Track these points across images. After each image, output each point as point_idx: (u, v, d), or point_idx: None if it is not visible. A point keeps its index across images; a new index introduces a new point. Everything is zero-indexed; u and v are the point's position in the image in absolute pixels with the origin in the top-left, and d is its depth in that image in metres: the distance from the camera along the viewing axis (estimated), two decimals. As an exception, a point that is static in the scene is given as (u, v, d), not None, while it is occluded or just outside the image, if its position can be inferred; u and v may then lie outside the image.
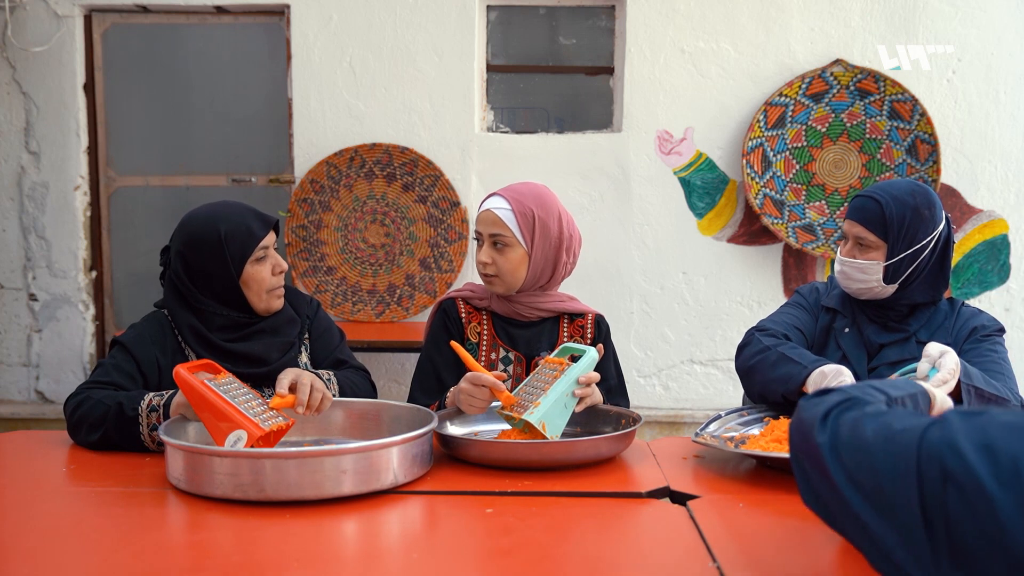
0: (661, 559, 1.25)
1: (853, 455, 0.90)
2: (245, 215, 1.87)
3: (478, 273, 2.00)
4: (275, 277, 1.88)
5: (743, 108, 4.03)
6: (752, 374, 1.89)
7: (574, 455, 1.61)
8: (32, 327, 4.22)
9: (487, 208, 1.96)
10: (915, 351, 1.88)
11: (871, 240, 1.86)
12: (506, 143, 4.11)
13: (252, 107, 4.27)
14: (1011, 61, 4.01)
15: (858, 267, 1.88)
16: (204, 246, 1.83)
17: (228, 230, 1.83)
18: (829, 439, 0.93)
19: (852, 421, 0.93)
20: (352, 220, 4.08)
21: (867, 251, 1.88)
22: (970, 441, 0.80)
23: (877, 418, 0.91)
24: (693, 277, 4.13)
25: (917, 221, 1.84)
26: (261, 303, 1.88)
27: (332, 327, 2.07)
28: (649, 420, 4.07)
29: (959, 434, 0.81)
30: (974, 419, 0.83)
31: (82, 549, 1.25)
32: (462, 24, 4.05)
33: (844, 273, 1.92)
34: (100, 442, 1.70)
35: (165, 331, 1.88)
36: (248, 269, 1.85)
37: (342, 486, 1.41)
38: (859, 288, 1.91)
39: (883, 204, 1.85)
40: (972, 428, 0.81)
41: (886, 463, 0.86)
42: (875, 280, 1.88)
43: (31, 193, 4.16)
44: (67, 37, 4.09)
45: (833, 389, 1.02)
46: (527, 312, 2.00)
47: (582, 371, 1.70)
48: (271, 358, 1.89)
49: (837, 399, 0.99)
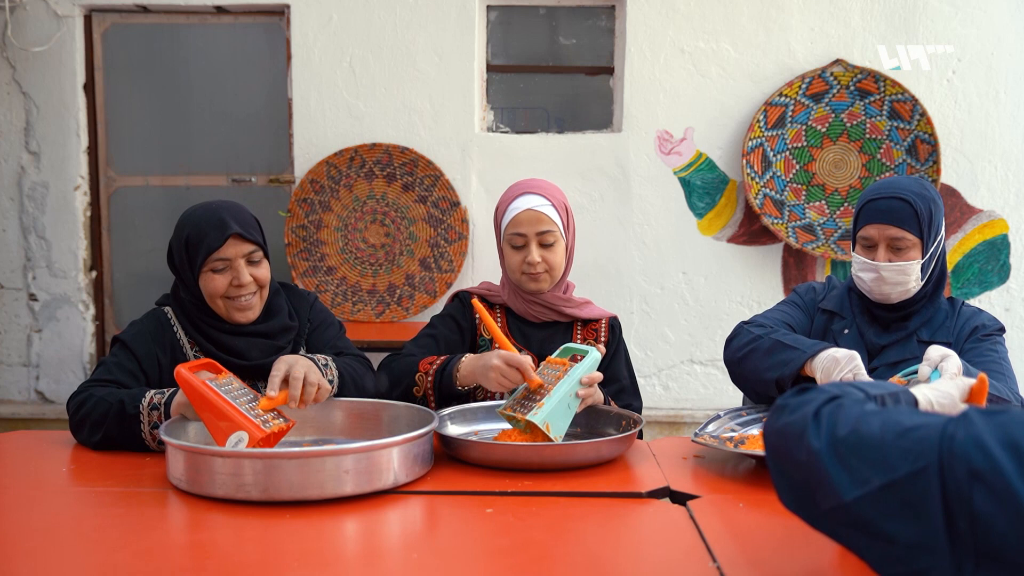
0: (661, 559, 1.25)
1: (860, 452, 0.86)
2: (210, 221, 1.81)
3: (518, 276, 1.95)
4: (233, 288, 1.82)
5: (743, 108, 4.03)
6: (743, 363, 1.85)
7: (575, 457, 1.61)
8: (32, 327, 4.22)
9: (527, 208, 1.91)
10: (916, 351, 1.88)
11: (909, 240, 1.83)
12: (506, 143, 4.11)
13: (252, 107, 4.27)
14: (1011, 61, 4.01)
15: (899, 269, 1.84)
16: (175, 245, 1.86)
17: (190, 233, 1.82)
18: (827, 440, 0.89)
19: (853, 418, 0.89)
20: (352, 220, 4.08)
21: (904, 252, 1.84)
22: (996, 440, 0.77)
23: (880, 414, 0.88)
24: (693, 277, 4.13)
25: (937, 211, 1.86)
26: (220, 310, 1.84)
27: (329, 319, 2.03)
28: (649, 420, 4.07)
29: (985, 433, 0.78)
30: (996, 417, 0.80)
31: (82, 549, 1.25)
32: (462, 24, 4.05)
33: (883, 279, 1.85)
34: (102, 441, 1.70)
35: (164, 328, 1.88)
36: (201, 276, 1.82)
37: (343, 486, 1.41)
38: (900, 292, 1.87)
39: (912, 202, 1.82)
40: (996, 426, 0.79)
41: (903, 459, 0.82)
42: (914, 279, 1.86)
43: (31, 193, 4.16)
44: (67, 37, 4.09)
45: (811, 388, 0.98)
46: (546, 314, 2.00)
47: (585, 371, 1.70)
48: (250, 355, 1.85)
49: (823, 397, 0.95)
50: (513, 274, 1.96)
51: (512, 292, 2.01)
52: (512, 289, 2.01)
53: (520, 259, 1.93)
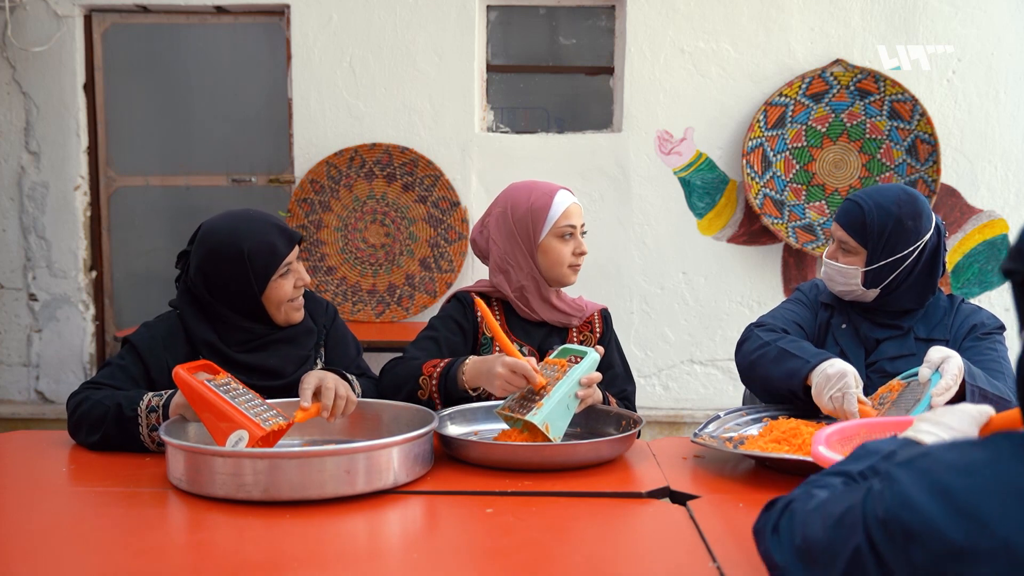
0: (661, 559, 1.25)
1: (813, 555, 0.89)
2: (269, 231, 1.83)
3: (564, 269, 1.99)
4: (296, 290, 1.87)
5: (743, 108, 4.03)
6: (754, 370, 1.88)
7: (575, 458, 1.61)
8: (32, 327, 4.22)
9: (574, 202, 2.02)
10: (913, 347, 1.88)
11: (851, 245, 1.87)
12: (506, 143, 4.11)
13: (252, 107, 4.27)
14: (1011, 61, 4.01)
15: (838, 270, 1.91)
16: (226, 262, 1.80)
17: (252, 248, 1.80)
18: (789, 552, 0.93)
19: (800, 524, 0.92)
20: (352, 220, 4.08)
21: (848, 255, 1.89)
22: (923, 490, 0.79)
23: (820, 508, 0.90)
24: (693, 277, 4.13)
25: (899, 231, 1.84)
26: (280, 315, 1.86)
27: (348, 336, 2.05)
28: (649, 420, 4.07)
29: (910, 487, 0.80)
30: (918, 464, 0.82)
31: (82, 549, 1.25)
32: (462, 24, 4.05)
33: (827, 274, 1.95)
34: (100, 442, 1.70)
35: (177, 334, 1.87)
36: (271, 285, 1.83)
37: (343, 486, 1.41)
38: (841, 290, 1.93)
39: (865, 211, 1.85)
40: (919, 475, 0.80)
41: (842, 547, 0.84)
42: (855, 284, 1.89)
43: (31, 193, 4.16)
44: (67, 37, 4.09)
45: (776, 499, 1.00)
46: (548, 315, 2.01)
47: (584, 372, 1.70)
48: (286, 371, 1.87)
49: (780, 505, 0.97)
50: (559, 268, 1.98)
51: (533, 292, 2.00)
52: (534, 288, 2.00)
53: (569, 250, 1.98)
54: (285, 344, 1.89)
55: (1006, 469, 0.77)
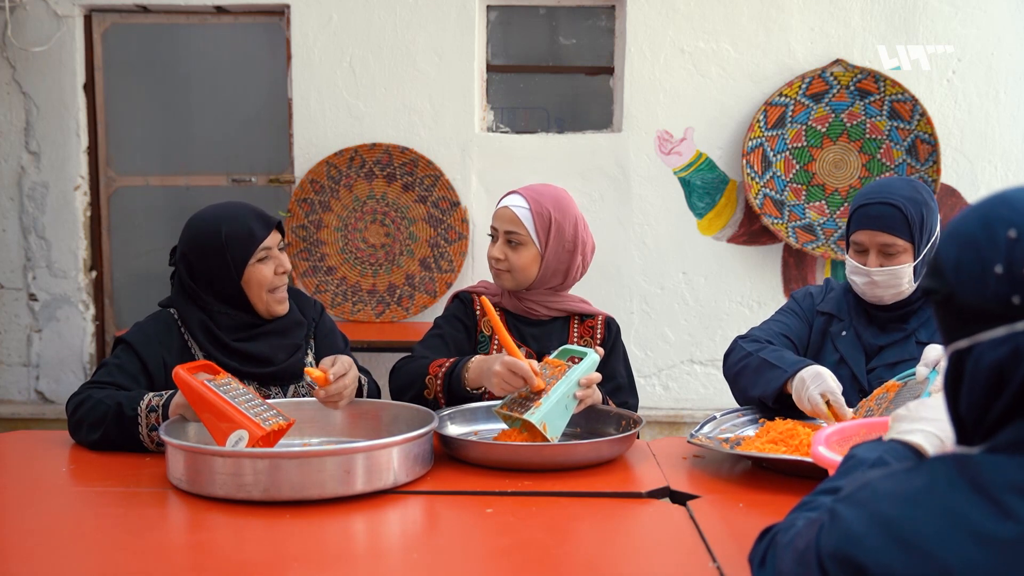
0: (661, 559, 1.25)
1: None
2: (247, 216, 1.88)
3: (489, 267, 2.02)
4: (277, 277, 1.88)
5: (743, 108, 4.03)
6: (737, 381, 1.92)
7: (575, 457, 1.61)
8: (32, 327, 4.22)
9: (505, 205, 1.99)
10: (914, 352, 1.87)
11: (900, 245, 1.84)
12: (506, 143, 4.11)
13: (252, 107, 4.27)
14: (1011, 61, 4.01)
15: (891, 274, 1.85)
16: (207, 248, 1.85)
17: (229, 231, 1.84)
18: None
19: (779, 558, 0.93)
20: (352, 220, 4.08)
21: (895, 257, 1.85)
22: (867, 523, 0.80)
23: (792, 541, 0.92)
24: (693, 277, 4.13)
25: (930, 211, 1.87)
26: (262, 305, 1.87)
27: (336, 331, 2.09)
28: (649, 420, 4.07)
29: (854, 522, 0.81)
30: (858, 496, 0.84)
31: (82, 549, 1.26)
32: (462, 24, 4.05)
33: (875, 283, 1.87)
34: (100, 442, 1.70)
35: (171, 330, 1.88)
36: (249, 270, 1.85)
37: (343, 486, 1.42)
38: (893, 294, 1.88)
39: (902, 208, 1.83)
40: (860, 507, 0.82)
41: None
42: (907, 281, 1.87)
43: (31, 193, 4.16)
44: (67, 37, 4.09)
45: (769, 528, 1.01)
46: (538, 310, 2.02)
47: (583, 373, 1.70)
48: (277, 358, 1.89)
49: (768, 538, 0.99)
50: (489, 264, 2.04)
51: (507, 290, 2.04)
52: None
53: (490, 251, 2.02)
54: (276, 335, 1.91)
55: (943, 495, 0.79)
